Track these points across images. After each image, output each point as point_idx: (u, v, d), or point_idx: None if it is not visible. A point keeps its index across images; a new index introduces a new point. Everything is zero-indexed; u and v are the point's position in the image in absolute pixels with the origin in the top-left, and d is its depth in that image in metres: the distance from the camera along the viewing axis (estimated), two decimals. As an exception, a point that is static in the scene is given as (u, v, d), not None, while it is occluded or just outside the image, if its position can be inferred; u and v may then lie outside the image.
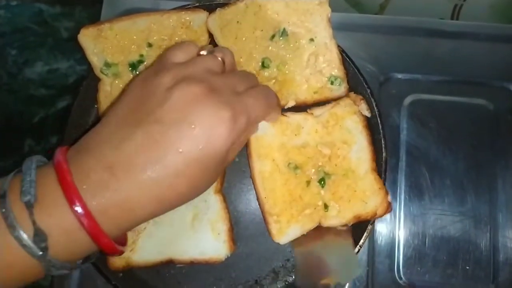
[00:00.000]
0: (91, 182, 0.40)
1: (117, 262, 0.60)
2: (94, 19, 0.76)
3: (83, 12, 0.83)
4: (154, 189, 0.42)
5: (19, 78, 0.79)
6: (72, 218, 0.39)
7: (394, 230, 0.69)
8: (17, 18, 0.82)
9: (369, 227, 0.60)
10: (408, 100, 0.74)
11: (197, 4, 0.67)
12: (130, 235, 0.61)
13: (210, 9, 0.65)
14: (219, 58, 0.50)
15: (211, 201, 0.62)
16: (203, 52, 0.50)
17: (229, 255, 0.61)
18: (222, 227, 0.61)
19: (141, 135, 0.42)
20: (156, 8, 0.76)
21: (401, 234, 0.69)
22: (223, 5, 0.65)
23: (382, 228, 0.69)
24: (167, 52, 0.50)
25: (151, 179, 0.41)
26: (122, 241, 0.51)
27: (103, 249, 0.43)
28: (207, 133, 0.43)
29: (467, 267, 0.67)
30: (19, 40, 0.81)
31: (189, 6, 0.66)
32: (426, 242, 0.68)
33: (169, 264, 0.61)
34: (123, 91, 0.47)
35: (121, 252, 0.46)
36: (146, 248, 0.61)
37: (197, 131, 0.42)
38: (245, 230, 0.64)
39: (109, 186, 0.41)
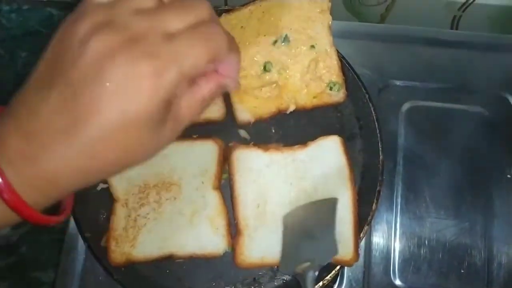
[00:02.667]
0: (10, 152, 0.37)
1: (118, 258, 0.62)
2: (102, 23, 0.79)
3: (92, 17, 0.85)
4: (75, 159, 0.37)
5: (28, 80, 0.81)
6: None
7: (390, 232, 0.70)
8: (28, 22, 0.84)
9: (365, 227, 0.62)
10: (406, 106, 0.75)
11: (203, 10, 0.69)
12: (130, 231, 0.62)
13: (215, 14, 0.67)
14: None
15: (210, 197, 0.63)
16: None
17: (227, 250, 0.62)
18: (220, 222, 0.63)
19: (55, 98, 0.37)
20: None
21: (397, 237, 0.70)
22: (228, 11, 0.67)
23: (378, 230, 0.70)
24: None
25: (69, 147, 0.37)
26: (66, 206, 0.46)
27: (28, 220, 0.39)
28: (125, 91, 0.36)
29: (462, 270, 0.68)
30: (29, 43, 0.83)
31: (195, 12, 0.69)
32: (422, 245, 0.69)
33: (169, 259, 0.62)
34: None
35: (57, 221, 0.42)
36: (146, 243, 0.62)
37: (113, 89, 0.36)
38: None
39: (27, 156, 0.37)
